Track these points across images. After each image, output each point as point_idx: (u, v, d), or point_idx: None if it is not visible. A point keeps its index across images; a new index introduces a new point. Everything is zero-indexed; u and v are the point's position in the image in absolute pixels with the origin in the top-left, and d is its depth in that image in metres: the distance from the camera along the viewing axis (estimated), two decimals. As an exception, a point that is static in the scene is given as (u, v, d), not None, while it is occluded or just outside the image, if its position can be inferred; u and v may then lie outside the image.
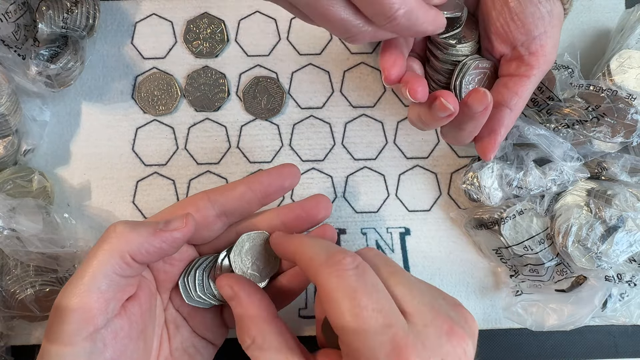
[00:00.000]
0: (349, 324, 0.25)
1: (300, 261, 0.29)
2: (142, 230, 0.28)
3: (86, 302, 0.26)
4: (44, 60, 0.39)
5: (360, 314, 0.25)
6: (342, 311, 0.25)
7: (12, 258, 0.37)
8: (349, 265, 0.26)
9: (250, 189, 0.33)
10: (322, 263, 0.27)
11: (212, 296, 0.33)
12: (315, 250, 0.28)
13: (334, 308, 0.25)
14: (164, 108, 0.43)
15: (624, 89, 0.37)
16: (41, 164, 0.43)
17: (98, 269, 0.27)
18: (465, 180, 0.40)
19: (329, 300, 0.26)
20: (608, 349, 0.41)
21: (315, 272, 0.27)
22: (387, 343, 0.24)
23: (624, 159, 0.38)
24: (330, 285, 0.26)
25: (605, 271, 0.36)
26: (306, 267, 0.28)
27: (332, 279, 0.26)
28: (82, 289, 0.26)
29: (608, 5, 0.44)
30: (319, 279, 0.26)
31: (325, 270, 0.26)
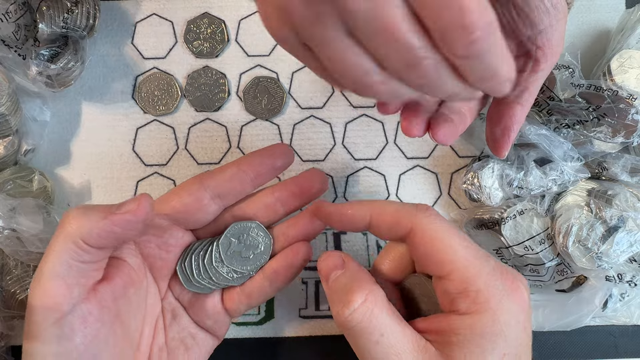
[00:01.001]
0: (462, 257, 0.27)
1: (383, 218, 0.29)
2: (93, 214, 0.27)
3: (48, 290, 0.26)
4: (44, 60, 0.39)
5: (469, 246, 0.27)
6: (452, 246, 0.27)
7: (13, 258, 0.37)
8: (435, 212, 0.29)
9: (241, 169, 0.33)
10: (414, 211, 0.28)
11: (210, 280, 0.33)
12: (397, 206, 0.29)
13: (442, 247, 0.27)
14: (164, 108, 0.43)
15: (625, 89, 0.37)
16: (41, 164, 0.43)
17: (55, 256, 0.27)
18: (466, 181, 0.40)
19: (435, 240, 0.27)
20: (608, 349, 0.41)
21: (412, 221, 0.28)
22: (495, 269, 0.27)
23: (624, 159, 0.38)
24: (434, 227, 0.27)
25: (605, 271, 0.36)
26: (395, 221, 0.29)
27: (432, 221, 0.28)
28: (42, 279, 0.26)
29: (608, 5, 0.44)
30: (418, 225, 0.28)
31: (423, 216, 0.28)
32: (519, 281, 0.27)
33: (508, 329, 0.25)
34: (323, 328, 0.41)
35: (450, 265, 0.26)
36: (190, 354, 0.33)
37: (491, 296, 0.26)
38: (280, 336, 0.41)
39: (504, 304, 0.26)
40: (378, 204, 0.30)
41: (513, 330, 0.26)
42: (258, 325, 0.41)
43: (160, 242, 0.33)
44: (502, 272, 0.27)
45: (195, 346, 0.34)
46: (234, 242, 0.33)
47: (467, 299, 0.26)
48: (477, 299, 0.26)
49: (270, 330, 0.41)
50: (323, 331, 0.41)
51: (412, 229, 0.28)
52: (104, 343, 0.28)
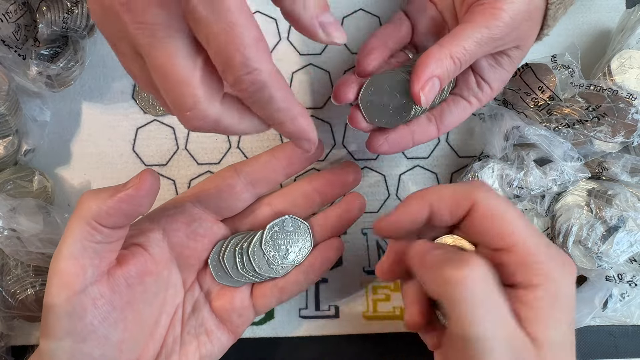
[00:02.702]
0: (523, 230, 0.27)
1: (443, 201, 0.29)
2: (103, 194, 0.28)
3: (62, 269, 0.27)
4: (44, 60, 0.39)
5: (528, 222, 0.28)
6: (514, 220, 0.27)
7: (13, 258, 0.37)
8: (490, 187, 0.29)
9: (275, 157, 0.35)
10: (473, 188, 0.28)
11: (254, 272, 0.33)
12: (453, 188, 0.29)
13: (504, 220, 0.27)
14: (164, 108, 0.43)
15: (625, 89, 0.37)
16: (41, 164, 0.43)
17: (70, 237, 0.28)
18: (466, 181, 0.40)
19: (496, 214, 0.27)
20: (608, 349, 0.41)
21: (473, 198, 0.28)
22: (550, 244, 0.28)
23: (624, 159, 0.38)
24: (494, 202, 0.28)
25: (605, 271, 0.36)
26: (455, 202, 0.29)
27: (492, 196, 0.28)
28: (58, 258, 0.27)
29: (608, 5, 0.44)
30: (479, 200, 0.28)
31: (482, 191, 0.28)
32: (567, 255, 0.28)
33: (569, 298, 0.27)
34: (323, 328, 0.41)
35: (511, 238, 0.27)
36: (202, 350, 0.34)
37: (552, 268, 0.26)
38: (280, 336, 0.41)
39: (563, 275, 0.27)
40: (434, 192, 0.29)
41: (572, 300, 0.27)
42: (258, 325, 0.41)
43: (189, 231, 0.34)
44: (555, 247, 0.28)
45: (209, 343, 0.34)
46: (278, 234, 0.34)
47: (529, 271, 0.26)
48: (540, 271, 0.26)
49: (270, 330, 0.41)
50: (323, 331, 0.41)
51: (473, 206, 0.28)
52: (114, 326, 0.29)
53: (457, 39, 0.31)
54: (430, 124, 0.35)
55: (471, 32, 0.31)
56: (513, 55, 0.34)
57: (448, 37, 0.32)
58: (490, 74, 0.35)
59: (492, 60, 0.35)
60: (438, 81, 0.32)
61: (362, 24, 0.44)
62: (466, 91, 0.36)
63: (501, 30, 0.31)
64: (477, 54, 0.32)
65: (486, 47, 0.32)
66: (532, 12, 0.32)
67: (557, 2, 0.33)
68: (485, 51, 0.32)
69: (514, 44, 0.33)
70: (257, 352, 0.41)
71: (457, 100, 0.36)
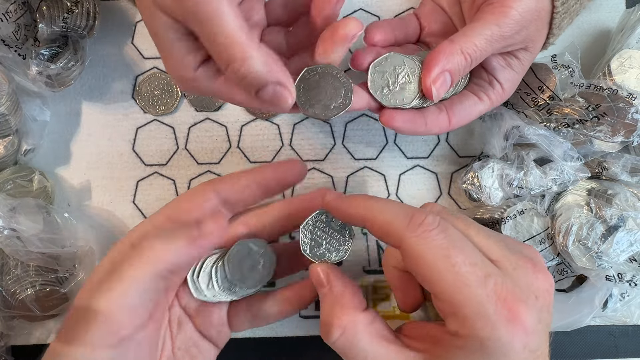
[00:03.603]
0: (449, 283, 0.25)
1: (375, 227, 0.28)
2: (178, 242, 0.27)
3: (116, 315, 0.26)
4: (44, 60, 0.39)
5: (459, 271, 0.25)
6: (440, 272, 0.25)
7: (13, 258, 0.37)
8: (431, 225, 0.26)
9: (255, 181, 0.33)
10: (403, 228, 0.26)
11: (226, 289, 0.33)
12: (390, 214, 0.27)
13: (429, 271, 0.25)
14: (164, 108, 0.43)
15: (625, 89, 0.37)
16: (41, 164, 0.43)
17: (131, 285, 0.26)
18: (466, 180, 0.40)
19: (421, 264, 0.26)
20: (608, 349, 0.41)
21: (400, 239, 0.26)
22: (492, 293, 0.25)
23: (624, 158, 0.38)
24: (421, 249, 0.26)
25: (605, 271, 0.36)
26: (385, 233, 0.27)
27: (420, 242, 0.26)
28: (112, 302, 0.26)
29: (608, 5, 0.44)
30: (405, 245, 0.26)
31: (410, 234, 0.26)
32: (522, 306, 0.25)
33: (496, 355, 0.25)
34: (323, 328, 0.41)
35: (437, 289, 0.25)
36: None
37: (480, 326, 0.24)
38: (280, 336, 0.41)
39: (494, 333, 0.24)
40: (374, 210, 0.28)
41: (505, 356, 0.25)
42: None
43: None
44: (502, 297, 0.25)
45: (200, 355, 0.33)
46: (239, 258, 0.33)
47: (457, 322, 0.25)
48: (465, 324, 0.25)
49: (270, 330, 0.41)
50: (323, 331, 0.41)
51: (401, 246, 0.27)
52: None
53: (468, 35, 0.32)
54: (442, 113, 0.35)
55: (482, 29, 0.32)
56: (522, 58, 0.35)
57: (459, 33, 0.32)
58: (501, 74, 0.35)
59: (503, 61, 0.35)
60: (449, 76, 0.32)
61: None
62: (477, 87, 0.36)
63: (511, 28, 0.32)
64: (488, 51, 0.32)
65: (496, 45, 0.32)
66: (540, 11, 0.32)
67: (562, 11, 0.33)
68: (496, 49, 0.33)
69: (522, 45, 0.34)
70: (257, 352, 0.41)
71: (468, 95, 0.36)
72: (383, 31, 0.37)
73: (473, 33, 0.32)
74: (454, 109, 0.35)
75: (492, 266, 0.26)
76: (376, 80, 0.34)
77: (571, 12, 0.34)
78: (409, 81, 0.34)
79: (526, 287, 0.26)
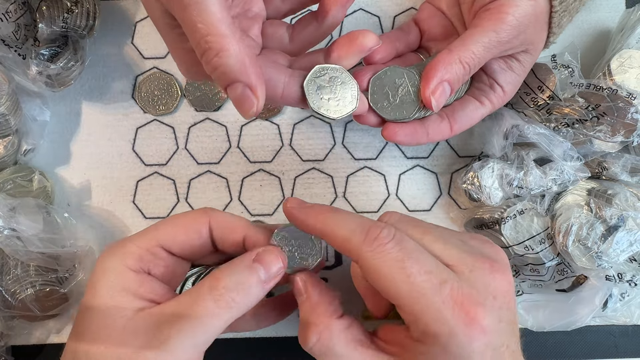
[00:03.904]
0: (406, 294, 0.26)
1: (332, 241, 0.29)
2: (253, 290, 0.28)
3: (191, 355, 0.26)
4: (44, 60, 0.39)
5: (414, 281, 0.26)
6: (396, 284, 0.26)
7: (13, 258, 0.37)
8: (386, 238, 0.27)
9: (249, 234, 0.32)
10: (360, 243, 0.27)
11: None
12: (347, 229, 0.28)
13: (386, 283, 0.26)
14: (164, 108, 0.43)
15: (624, 88, 0.37)
16: (41, 164, 0.43)
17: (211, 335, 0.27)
18: (466, 180, 0.40)
19: (379, 277, 0.27)
20: (608, 349, 0.41)
21: (357, 254, 0.27)
22: (448, 299, 0.25)
23: (624, 158, 0.38)
24: (377, 263, 0.26)
25: (605, 270, 0.36)
26: (342, 247, 0.28)
27: (376, 256, 0.27)
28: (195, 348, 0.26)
29: (608, 5, 0.44)
30: (362, 260, 0.27)
31: (366, 250, 0.27)
32: (479, 308, 0.26)
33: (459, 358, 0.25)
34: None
35: (396, 300, 0.26)
36: None
37: (440, 331, 0.25)
38: (280, 336, 0.41)
39: (454, 338, 0.25)
40: (331, 224, 0.29)
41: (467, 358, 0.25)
42: (258, 325, 0.41)
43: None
44: (459, 302, 0.26)
45: None
46: None
47: (418, 329, 0.26)
48: (427, 331, 0.26)
49: (270, 330, 0.41)
50: (323, 331, 0.41)
51: (358, 261, 0.27)
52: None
53: (466, 43, 0.32)
54: (443, 121, 0.36)
55: (479, 36, 0.32)
56: (523, 60, 0.35)
57: (457, 42, 0.32)
58: (502, 77, 0.35)
59: (503, 64, 0.35)
60: (448, 85, 0.32)
61: (362, 24, 0.44)
62: (478, 92, 0.36)
63: (508, 34, 0.32)
64: (486, 57, 0.33)
65: (494, 51, 0.32)
66: (537, 15, 0.33)
67: (561, 10, 0.33)
68: (494, 54, 0.33)
69: (522, 48, 0.34)
70: (257, 352, 0.41)
71: (469, 100, 0.36)
72: (383, 48, 0.37)
73: (471, 41, 0.32)
74: (455, 116, 0.36)
75: (447, 272, 0.27)
76: (377, 94, 0.35)
77: (570, 9, 0.34)
78: (409, 93, 0.34)
79: (483, 289, 0.26)
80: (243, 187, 0.43)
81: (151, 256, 0.29)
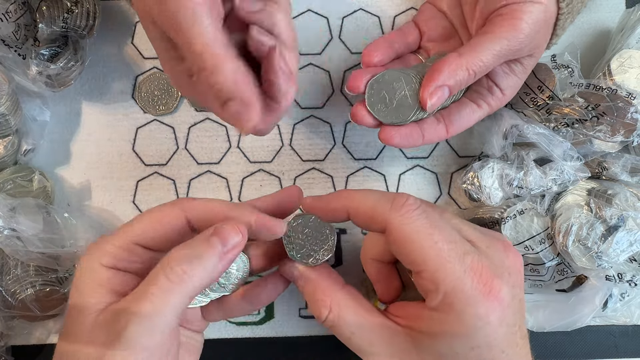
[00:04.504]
0: (432, 259, 0.27)
1: (359, 214, 0.29)
2: (208, 262, 0.27)
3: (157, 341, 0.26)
4: (44, 60, 0.39)
5: (441, 248, 0.27)
6: (424, 249, 0.27)
7: (13, 258, 0.37)
8: (414, 205, 0.28)
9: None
10: (388, 210, 0.28)
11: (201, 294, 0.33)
12: (373, 200, 0.29)
13: (414, 248, 0.27)
14: (164, 108, 0.43)
15: (624, 88, 0.37)
16: (41, 164, 0.43)
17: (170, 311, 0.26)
18: (466, 180, 0.40)
19: (406, 242, 0.27)
20: (609, 349, 0.41)
21: (386, 220, 0.28)
22: (469, 269, 0.26)
23: (624, 158, 0.38)
24: (406, 228, 0.27)
25: (605, 270, 0.36)
26: (369, 218, 0.29)
27: (405, 221, 0.27)
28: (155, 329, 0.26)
29: (608, 5, 0.44)
30: (391, 225, 0.28)
31: (395, 215, 0.28)
32: (498, 279, 0.27)
33: (474, 329, 0.26)
34: (323, 328, 0.41)
35: (420, 266, 0.27)
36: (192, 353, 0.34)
37: (457, 299, 0.26)
38: (280, 336, 0.41)
39: (471, 307, 0.26)
40: (356, 198, 0.30)
41: (481, 330, 0.26)
42: (258, 325, 0.41)
43: None
44: (479, 273, 0.27)
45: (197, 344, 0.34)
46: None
47: (437, 297, 0.27)
48: (445, 299, 0.26)
49: (270, 330, 0.41)
50: (323, 331, 0.41)
51: (386, 228, 0.28)
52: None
53: (476, 50, 0.32)
54: (440, 124, 0.36)
55: (490, 44, 0.32)
56: (526, 63, 0.35)
57: (467, 47, 0.32)
58: (504, 81, 0.35)
59: (507, 68, 0.35)
60: (447, 90, 0.33)
61: (362, 24, 0.44)
62: (476, 94, 0.36)
63: (520, 42, 0.32)
64: (494, 65, 0.33)
65: (503, 59, 0.33)
66: (547, 20, 0.33)
67: (567, 12, 0.33)
68: (502, 61, 0.33)
69: (529, 53, 0.34)
70: (257, 352, 0.41)
71: (466, 103, 0.36)
72: (381, 51, 0.37)
73: (481, 48, 0.32)
74: (451, 118, 0.36)
75: (468, 245, 0.28)
76: (374, 97, 0.35)
77: (574, 11, 0.34)
78: (406, 97, 0.34)
79: (500, 264, 0.28)
80: (243, 187, 0.43)
81: (126, 254, 0.29)
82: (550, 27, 0.34)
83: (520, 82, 0.36)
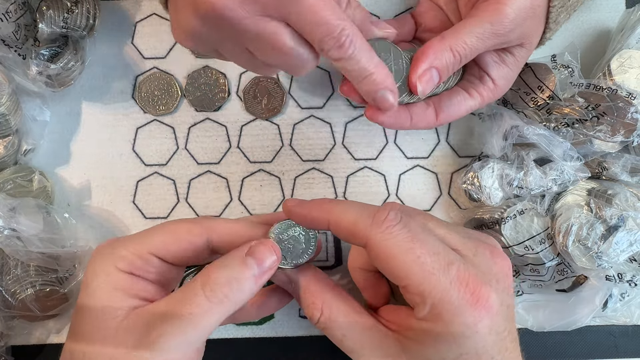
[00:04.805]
0: (415, 274, 0.26)
1: (340, 228, 0.29)
2: (246, 284, 0.28)
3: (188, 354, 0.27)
4: (44, 60, 0.39)
5: (424, 262, 0.26)
6: (406, 264, 0.26)
7: (13, 258, 0.37)
8: (394, 220, 0.28)
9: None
10: (368, 226, 0.28)
11: None
12: (354, 214, 0.29)
13: (396, 264, 0.27)
14: (164, 108, 0.43)
15: (624, 88, 0.37)
16: (41, 164, 0.43)
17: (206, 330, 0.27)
18: (466, 180, 0.40)
19: (388, 259, 0.27)
20: (608, 349, 0.41)
21: (366, 237, 0.28)
22: (455, 280, 0.26)
23: (624, 159, 0.38)
24: (387, 244, 0.27)
25: (605, 270, 0.36)
26: (350, 233, 0.29)
27: (385, 237, 0.27)
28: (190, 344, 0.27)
29: (608, 5, 0.44)
30: (371, 242, 0.27)
31: (376, 232, 0.27)
32: (486, 287, 0.26)
33: (463, 338, 0.26)
34: (323, 328, 0.41)
35: (404, 280, 0.27)
36: None
37: (445, 310, 0.26)
38: (280, 336, 0.41)
39: (459, 317, 0.26)
40: (337, 211, 0.29)
41: (469, 338, 0.26)
42: (258, 325, 0.41)
43: None
44: (465, 282, 0.26)
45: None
46: None
47: (424, 309, 0.27)
48: (433, 310, 0.26)
49: (270, 330, 0.41)
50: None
51: (367, 244, 0.28)
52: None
53: (459, 32, 0.32)
54: (429, 108, 0.35)
55: (473, 27, 0.32)
56: (517, 54, 0.35)
57: (450, 30, 0.32)
58: (494, 71, 0.35)
59: (497, 57, 0.35)
60: (437, 72, 0.32)
61: (362, 24, 0.44)
62: (468, 83, 0.36)
63: (505, 26, 0.32)
64: (479, 48, 0.32)
65: (488, 42, 0.32)
66: (535, 8, 0.32)
67: (559, 5, 0.33)
68: (488, 46, 0.32)
69: (518, 42, 0.34)
70: (257, 352, 0.41)
71: (458, 90, 0.36)
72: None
73: (464, 30, 0.32)
74: (441, 104, 0.35)
75: (453, 254, 0.28)
76: None
77: (568, 6, 0.34)
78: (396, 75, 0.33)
79: (487, 271, 0.28)
80: (243, 187, 0.43)
81: (142, 262, 0.29)
82: (541, 18, 0.33)
83: (512, 74, 0.36)
